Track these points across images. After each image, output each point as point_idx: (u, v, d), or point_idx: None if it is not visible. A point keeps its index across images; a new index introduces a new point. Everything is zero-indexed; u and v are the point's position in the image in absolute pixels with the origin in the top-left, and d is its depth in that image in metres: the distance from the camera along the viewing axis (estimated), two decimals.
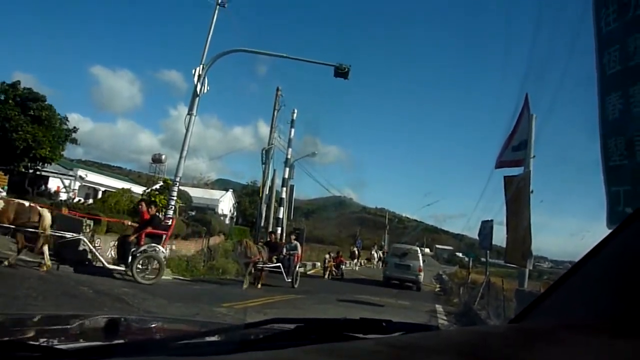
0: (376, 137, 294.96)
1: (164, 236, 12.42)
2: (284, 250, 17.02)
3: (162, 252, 12.22)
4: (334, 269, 26.29)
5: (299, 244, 18.22)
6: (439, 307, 15.72)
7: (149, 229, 11.99)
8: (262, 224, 23.67)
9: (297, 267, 17.24)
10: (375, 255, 49.54)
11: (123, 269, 11.58)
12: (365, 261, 47.30)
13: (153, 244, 11.84)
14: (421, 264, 24.02)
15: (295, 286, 16.43)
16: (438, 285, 29.71)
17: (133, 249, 11.53)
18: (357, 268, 38.80)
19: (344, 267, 27.95)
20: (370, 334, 1.28)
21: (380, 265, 43.69)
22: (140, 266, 11.48)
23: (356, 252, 40.94)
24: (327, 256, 27.25)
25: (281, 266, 16.27)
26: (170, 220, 14.33)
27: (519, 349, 0.76)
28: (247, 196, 42.12)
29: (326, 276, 25.05)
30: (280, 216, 24.57)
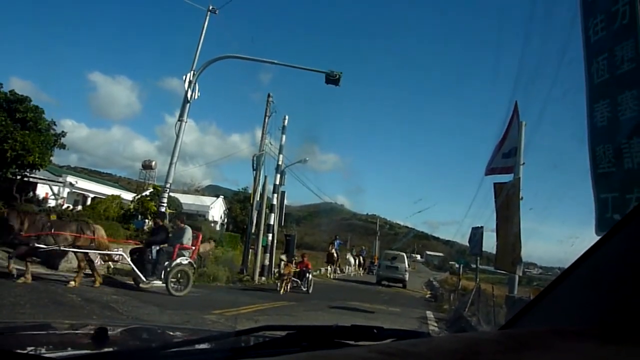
0: (368, 144, 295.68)
1: None
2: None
3: None
4: (292, 278, 18.42)
5: (190, 231, 12.71)
6: (429, 314, 15.74)
7: None
8: (253, 231, 23.59)
9: (178, 263, 11.75)
10: (352, 260, 40.51)
11: None
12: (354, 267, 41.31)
13: None
14: (407, 266, 30.53)
15: (179, 294, 11.54)
16: (429, 292, 29.72)
17: None
18: (334, 276, 30.98)
19: (310, 275, 19.56)
20: (361, 340, 1.28)
21: (362, 272, 41.39)
22: None
23: (335, 255, 31.88)
24: (283, 258, 19.37)
25: (128, 259, 11.46)
26: None
27: (509, 355, 0.76)
28: (239, 202, 41.95)
29: (281, 289, 17.12)
30: (272, 222, 24.52)
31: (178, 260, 11.77)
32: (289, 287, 17.74)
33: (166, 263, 11.57)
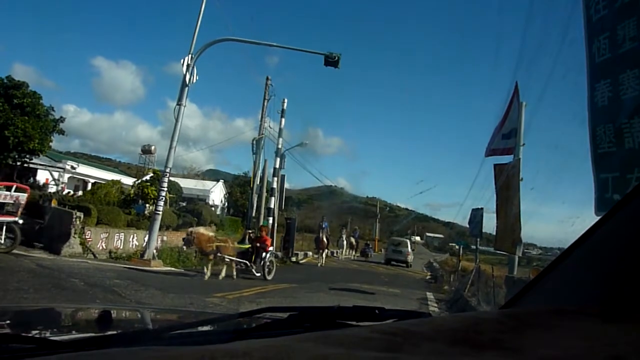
0: (369, 127, 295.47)
1: None
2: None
3: None
4: (237, 259, 13.98)
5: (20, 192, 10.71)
6: (429, 295, 15.85)
7: None
8: (254, 214, 23.65)
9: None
10: (345, 242, 35.81)
11: None
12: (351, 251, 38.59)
13: None
14: (409, 249, 35.51)
15: None
16: (429, 273, 29.92)
17: None
18: (322, 263, 25.10)
19: (269, 255, 14.72)
20: (363, 321, 1.29)
21: (354, 255, 39.23)
22: None
23: (324, 239, 26.03)
24: (195, 230, 13.96)
25: None
26: None
27: (511, 334, 0.77)
28: (239, 186, 41.98)
29: (207, 275, 13.18)
30: (272, 206, 24.56)
31: None
32: (223, 271, 13.58)
33: None
